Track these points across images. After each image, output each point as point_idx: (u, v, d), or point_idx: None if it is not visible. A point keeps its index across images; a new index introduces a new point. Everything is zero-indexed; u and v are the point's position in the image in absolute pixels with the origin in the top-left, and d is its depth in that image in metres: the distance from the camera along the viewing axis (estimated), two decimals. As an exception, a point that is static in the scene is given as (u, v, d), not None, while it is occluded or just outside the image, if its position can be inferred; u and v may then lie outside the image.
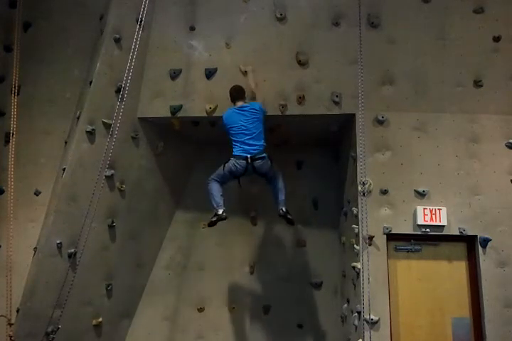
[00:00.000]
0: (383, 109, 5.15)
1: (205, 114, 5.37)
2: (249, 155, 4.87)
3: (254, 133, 4.92)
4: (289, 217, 5.06)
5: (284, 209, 5.05)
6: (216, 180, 5.08)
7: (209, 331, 6.00)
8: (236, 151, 4.94)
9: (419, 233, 4.92)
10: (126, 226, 5.54)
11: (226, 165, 4.96)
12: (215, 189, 5.04)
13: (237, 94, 5.11)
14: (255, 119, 4.94)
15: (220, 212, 4.92)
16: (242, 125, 4.92)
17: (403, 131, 5.13)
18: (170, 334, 6.00)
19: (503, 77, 5.19)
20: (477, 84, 5.18)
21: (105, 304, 5.42)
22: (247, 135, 4.91)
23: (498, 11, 5.22)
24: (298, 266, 6.16)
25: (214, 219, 4.94)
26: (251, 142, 4.91)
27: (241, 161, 4.89)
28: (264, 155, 4.94)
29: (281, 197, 5.11)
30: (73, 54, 5.58)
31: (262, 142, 4.97)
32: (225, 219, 4.96)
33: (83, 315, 5.14)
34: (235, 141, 4.97)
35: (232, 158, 4.94)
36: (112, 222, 5.31)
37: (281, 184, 5.15)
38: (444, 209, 4.93)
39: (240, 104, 5.06)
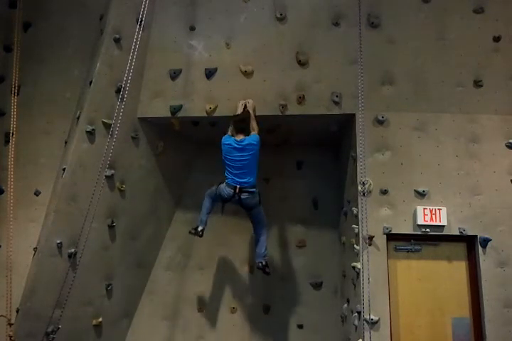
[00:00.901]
0: (383, 109, 5.15)
1: (205, 114, 5.37)
2: (238, 186, 4.96)
3: (247, 169, 4.99)
4: (266, 270, 5.22)
5: (263, 262, 5.19)
6: (210, 196, 5.28)
7: (209, 331, 6.00)
8: (227, 179, 5.04)
9: (419, 233, 4.92)
10: (126, 226, 5.54)
11: (219, 186, 5.11)
12: (206, 205, 5.31)
13: (241, 126, 5.09)
14: (251, 155, 4.98)
15: (199, 229, 5.22)
16: (238, 160, 4.98)
17: (403, 131, 5.13)
18: (170, 334, 6.00)
19: (503, 77, 5.19)
20: (477, 84, 5.18)
21: (105, 304, 5.42)
22: (241, 169, 4.98)
23: (498, 11, 5.22)
24: (298, 266, 6.17)
25: (192, 232, 5.30)
26: (242, 176, 4.98)
27: (230, 189, 5.00)
28: (253, 190, 5.03)
29: (261, 250, 5.23)
30: (73, 54, 5.58)
31: (253, 178, 5.02)
32: (200, 236, 5.25)
33: (83, 315, 5.13)
34: (228, 171, 5.05)
35: (224, 183, 5.06)
36: (112, 222, 5.31)
37: (263, 235, 5.29)
38: (444, 209, 4.93)
39: (240, 137, 5.06)
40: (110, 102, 5.05)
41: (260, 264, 5.19)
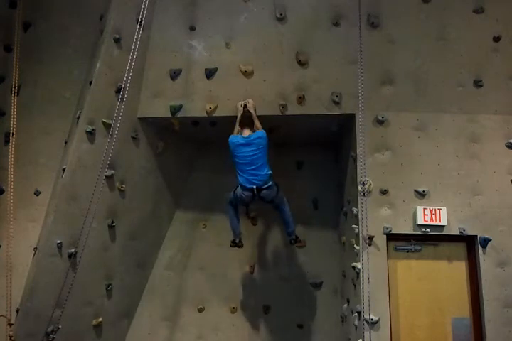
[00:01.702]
0: (383, 109, 5.15)
1: (205, 114, 5.37)
2: (254, 186, 4.93)
3: (259, 163, 4.97)
4: (299, 241, 5.49)
5: (294, 238, 5.37)
6: (231, 205, 5.26)
7: (209, 331, 6.01)
8: (241, 181, 5.00)
9: (419, 233, 4.92)
10: (126, 226, 5.54)
11: (236, 191, 5.07)
12: (231, 214, 5.30)
13: (247, 122, 5.15)
14: (261, 149, 4.98)
15: (237, 241, 5.33)
16: (248, 156, 4.97)
17: (403, 131, 5.13)
18: (170, 334, 6.00)
19: (503, 77, 5.19)
20: (477, 84, 5.18)
21: (105, 304, 5.42)
22: (252, 165, 4.96)
23: (498, 11, 5.22)
24: (298, 266, 6.17)
25: (232, 245, 5.36)
26: (256, 172, 4.95)
27: (248, 193, 4.98)
28: (270, 183, 5.00)
29: (291, 227, 5.35)
30: (73, 54, 5.57)
31: (266, 171, 4.99)
32: (240, 247, 5.37)
33: (83, 315, 5.14)
34: (240, 170, 5.01)
35: (239, 187, 5.03)
36: (112, 222, 5.31)
37: (288, 213, 5.30)
38: (444, 209, 4.93)
39: (247, 133, 5.09)
40: (110, 102, 5.04)
41: (292, 240, 5.35)
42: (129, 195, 5.49)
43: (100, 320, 5.32)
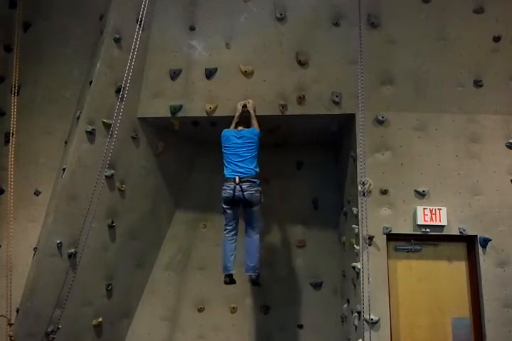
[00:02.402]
0: (383, 109, 5.14)
1: (205, 114, 5.37)
2: (237, 176, 4.83)
3: (247, 156, 4.93)
4: (258, 283, 5.08)
5: (253, 276, 4.92)
6: (227, 231, 5.00)
7: (209, 331, 6.01)
8: (227, 173, 4.93)
9: (419, 233, 4.92)
10: (126, 226, 5.54)
11: (221, 195, 4.93)
12: (225, 248, 4.99)
13: (245, 122, 5.16)
14: (251, 144, 4.96)
15: (227, 279, 4.92)
16: (237, 146, 4.97)
17: (403, 131, 5.13)
18: (170, 334, 6.00)
19: (503, 77, 5.19)
20: (477, 84, 5.18)
21: (105, 304, 5.42)
22: (240, 157, 4.94)
23: (498, 11, 5.22)
24: (298, 266, 6.17)
25: (226, 280, 4.96)
26: (242, 165, 4.90)
27: (230, 183, 4.84)
28: (255, 180, 4.88)
29: (253, 260, 4.91)
30: (73, 54, 5.58)
31: (253, 166, 4.91)
32: (233, 283, 4.95)
33: (83, 315, 5.14)
34: (227, 162, 4.97)
35: (224, 185, 4.90)
36: (112, 222, 5.31)
37: (257, 241, 4.97)
38: (444, 209, 4.93)
39: (240, 128, 5.14)
40: (110, 102, 5.04)
41: (251, 277, 4.94)
42: (129, 195, 5.49)
43: (100, 320, 5.32)
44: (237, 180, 4.83)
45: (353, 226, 5.05)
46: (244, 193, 4.81)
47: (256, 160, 4.98)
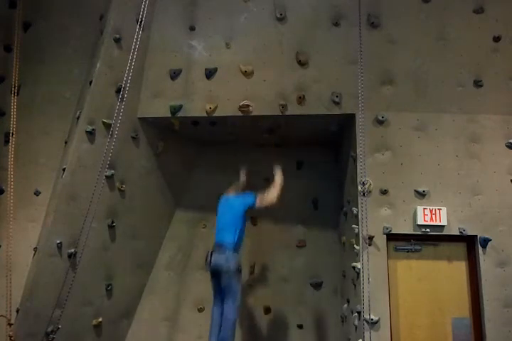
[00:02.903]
0: (383, 109, 5.14)
1: (205, 114, 5.37)
2: (216, 243, 4.76)
3: (229, 224, 4.80)
4: None
5: None
6: (214, 300, 4.81)
7: (209, 331, 5.99)
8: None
9: (419, 233, 4.92)
10: (126, 226, 5.54)
11: None
12: (212, 316, 4.76)
13: (242, 187, 5.17)
14: (239, 213, 4.82)
15: None
16: (226, 214, 4.90)
17: (403, 131, 5.12)
18: (170, 334, 6.00)
19: (503, 77, 5.19)
20: (477, 84, 5.18)
21: (105, 304, 5.42)
22: (221, 223, 4.87)
23: (498, 11, 5.22)
24: (298, 266, 6.16)
25: None
26: (222, 232, 4.80)
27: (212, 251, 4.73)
28: (227, 250, 4.63)
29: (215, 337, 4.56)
30: (73, 54, 5.58)
31: (233, 235, 4.71)
32: None
33: (83, 315, 5.13)
34: (216, 227, 4.92)
35: None
36: (112, 222, 5.31)
37: (231, 319, 4.55)
38: (444, 209, 4.92)
39: (234, 192, 5.11)
40: (110, 102, 5.04)
41: None
42: (129, 195, 5.49)
43: (100, 320, 5.32)
44: (216, 244, 4.76)
45: (353, 226, 5.05)
46: (216, 261, 4.66)
47: (239, 231, 4.77)
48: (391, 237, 4.95)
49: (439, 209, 4.92)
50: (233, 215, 4.86)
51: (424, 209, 4.91)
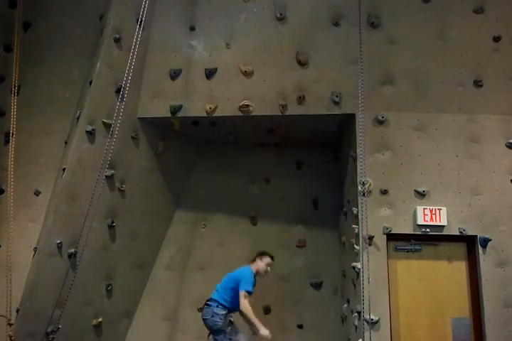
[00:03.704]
0: (383, 109, 5.15)
1: (205, 114, 5.37)
2: (211, 297, 4.79)
3: (226, 286, 4.81)
4: None
5: None
6: None
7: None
8: None
9: (419, 233, 4.92)
10: (126, 226, 5.54)
11: None
12: None
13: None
14: (231, 285, 4.80)
15: None
16: (227, 277, 4.90)
17: (403, 131, 5.13)
18: (170, 334, 6.00)
19: (503, 77, 5.19)
20: (477, 84, 5.18)
21: (105, 304, 5.42)
22: (221, 284, 4.88)
23: (498, 11, 5.22)
24: (298, 266, 6.17)
25: None
26: (219, 290, 4.82)
27: None
28: (214, 307, 4.67)
29: None
30: (73, 54, 5.59)
31: (226, 296, 4.74)
32: None
33: (83, 315, 5.14)
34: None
35: None
36: (112, 222, 5.31)
37: None
38: (444, 209, 4.93)
39: (245, 266, 5.04)
40: (110, 102, 5.05)
41: None
42: (129, 195, 5.49)
43: (100, 320, 5.32)
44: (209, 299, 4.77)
45: (353, 226, 5.05)
46: (204, 315, 4.71)
47: (233, 294, 4.74)
48: (391, 237, 4.95)
49: (439, 209, 4.92)
50: (231, 282, 4.83)
51: (424, 209, 4.91)
